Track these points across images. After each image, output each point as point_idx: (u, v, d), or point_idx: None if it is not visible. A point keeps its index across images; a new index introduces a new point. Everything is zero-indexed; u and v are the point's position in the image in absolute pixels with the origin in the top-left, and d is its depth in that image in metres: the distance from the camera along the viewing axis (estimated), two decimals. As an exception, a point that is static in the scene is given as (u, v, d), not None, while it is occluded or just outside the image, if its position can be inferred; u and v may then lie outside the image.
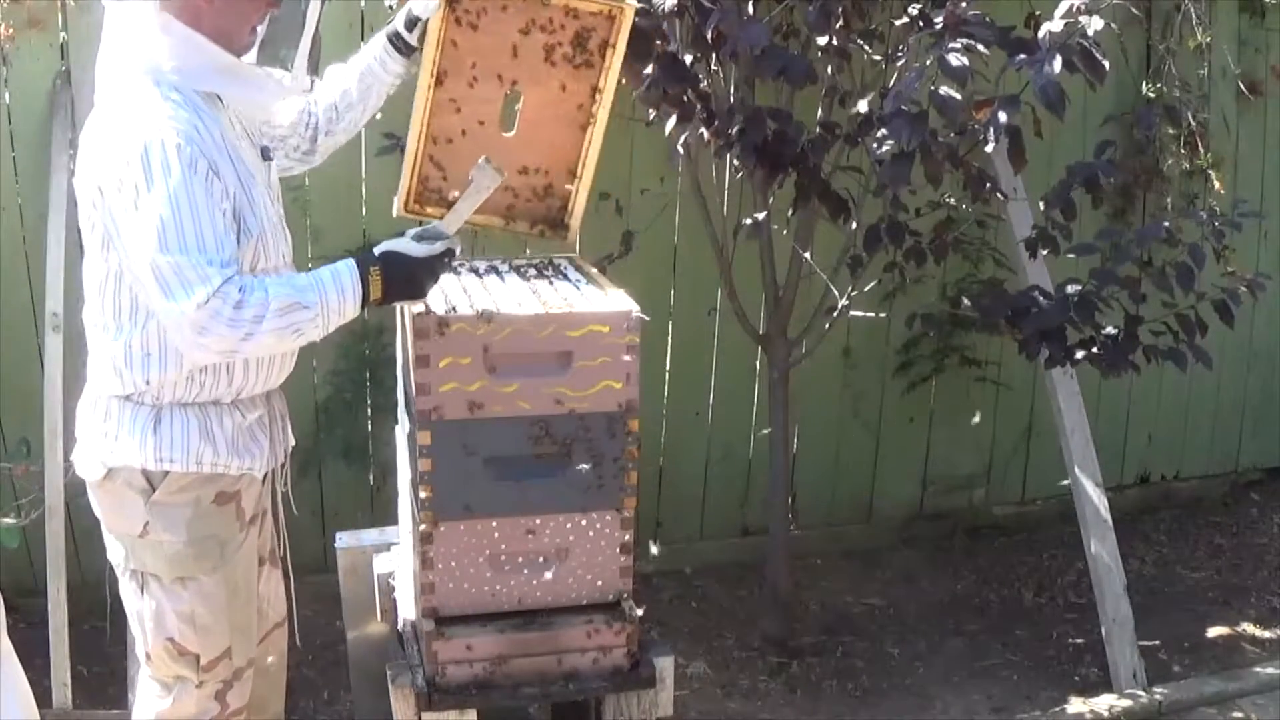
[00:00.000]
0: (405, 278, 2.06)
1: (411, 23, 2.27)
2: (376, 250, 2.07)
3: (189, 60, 2.04)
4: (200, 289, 1.94)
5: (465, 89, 2.27)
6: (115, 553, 2.26)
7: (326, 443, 3.66)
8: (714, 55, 2.98)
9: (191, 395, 2.15)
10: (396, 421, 2.57)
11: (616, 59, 2.24)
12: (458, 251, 2.15)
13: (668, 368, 3.94)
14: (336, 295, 2.03)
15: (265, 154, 2.26)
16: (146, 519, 2.16)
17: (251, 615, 2.32)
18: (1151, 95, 4.07)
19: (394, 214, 2.37)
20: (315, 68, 2.27)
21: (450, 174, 2.31)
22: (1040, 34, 2.50)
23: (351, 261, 2.07)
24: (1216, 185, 4.21)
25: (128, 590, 2.27)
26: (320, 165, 2.51)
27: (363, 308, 2.06)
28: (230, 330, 1.97)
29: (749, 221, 3.25)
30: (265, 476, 2.31)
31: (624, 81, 2.88)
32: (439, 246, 2.08)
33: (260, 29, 2.12)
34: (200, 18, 2.04)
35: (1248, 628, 3.83)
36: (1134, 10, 3.56)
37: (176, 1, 2.02)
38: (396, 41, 2.31)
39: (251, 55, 2.16)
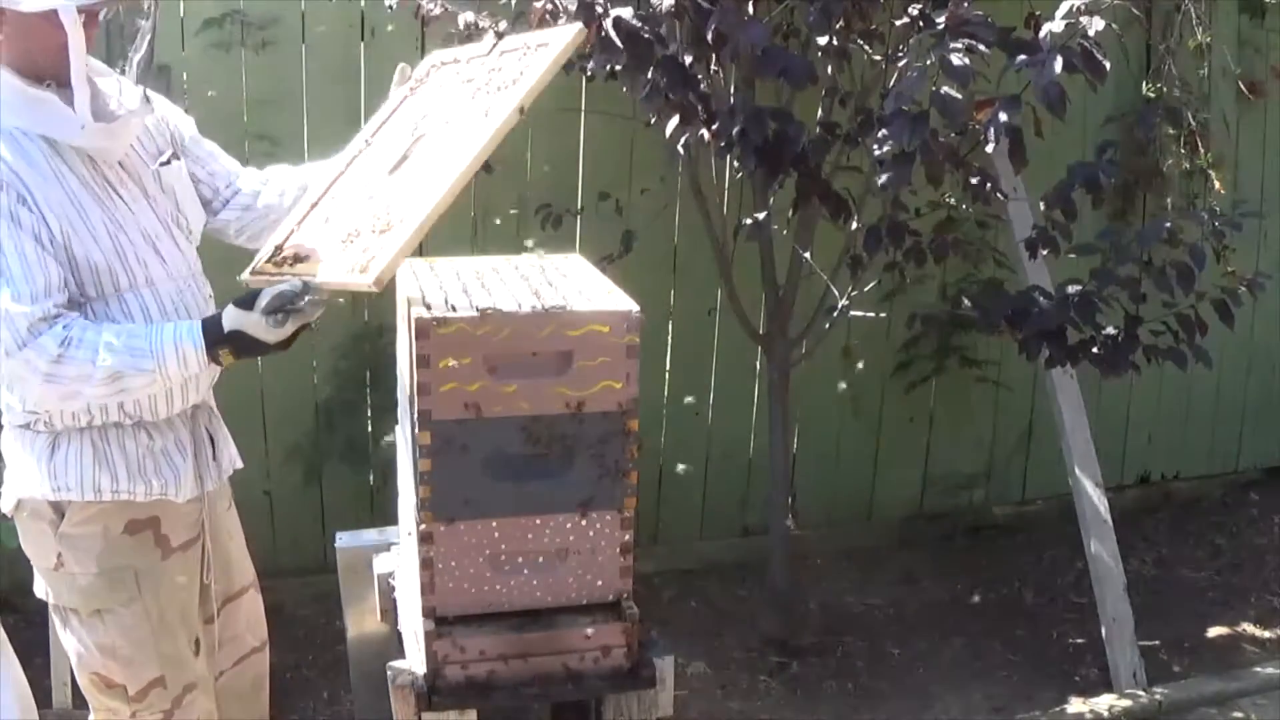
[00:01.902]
0: (254, 351, 2.00)
1: None
2: (226, 326, 1.98)
3: None
4: (7, 336, 1.89)
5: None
6: (38, 586, 2.21)
7: (326, 443, 3.67)
8: (714, 56, 2.98)
9: (85, 420, 2.08)
10: (396, 421, 2.57)
11: (537, 70, 1.97)
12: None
13: (668, 368, 3.94)
14: (177, 366, 1.98)
15: (172, 159, 2.15)
16: (59, 550, 2.11)
17: (183, 643, 2.23)
18: (1151, 95, 4.07)
19: (241, 278, 2.13)
20: (145, 77, 2.12)
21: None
22: (1041, 34, 2.50)
23: (199, 334, 1.98)
24: (1216, 185, 4.21)
25: (55, 624, 2.23)
26: None
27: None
28: (48, 386, 1.92)
29: (749, 221, 3.25)
30: (201, 500, 2.23)
31: (625, 90, 2.89)
32: (289, 329, 1.97)
33: (75, 39, 1.91)
34: None
35: (1248, 628, 3.83)
36: (1134, 10, 3.56)
37: None
38: None
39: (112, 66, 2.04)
